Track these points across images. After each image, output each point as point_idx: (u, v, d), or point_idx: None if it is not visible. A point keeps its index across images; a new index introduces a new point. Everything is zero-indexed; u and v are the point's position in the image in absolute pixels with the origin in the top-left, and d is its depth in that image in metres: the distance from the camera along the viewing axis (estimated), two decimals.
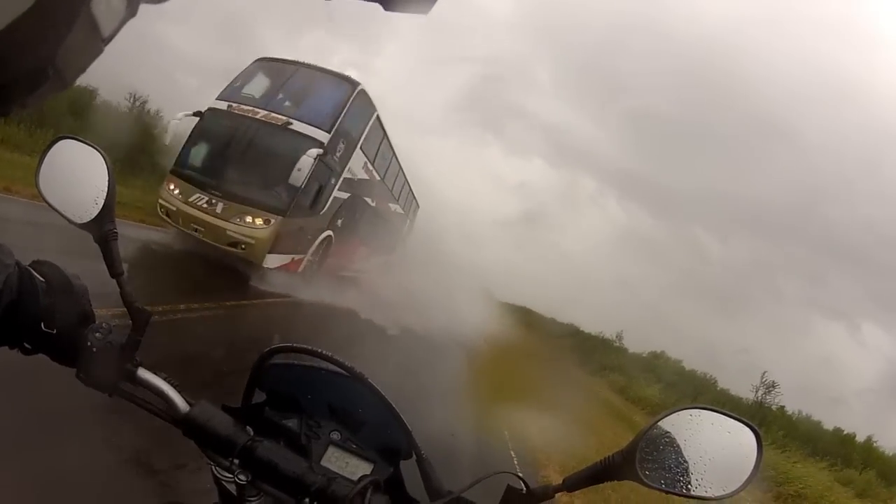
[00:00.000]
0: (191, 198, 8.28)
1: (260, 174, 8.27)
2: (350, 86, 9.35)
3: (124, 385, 0.69)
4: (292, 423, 0.76)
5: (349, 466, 0.73)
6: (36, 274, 0.64)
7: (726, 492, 0.54)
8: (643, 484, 0.56)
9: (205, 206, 8.22)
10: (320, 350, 0.73)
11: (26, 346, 0.65)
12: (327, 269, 10.75)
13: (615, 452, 0.59)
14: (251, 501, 0.66)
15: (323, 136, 8.58)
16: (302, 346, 0.74)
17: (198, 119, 8.83)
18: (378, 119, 10.70)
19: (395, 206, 15.03)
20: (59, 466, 2.13)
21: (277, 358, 0.76)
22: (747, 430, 0.55)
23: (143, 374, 0.69)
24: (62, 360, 0.67)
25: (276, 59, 9.81)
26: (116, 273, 0.69)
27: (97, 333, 0.67)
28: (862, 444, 20.39)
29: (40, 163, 0.70)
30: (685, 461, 0.56)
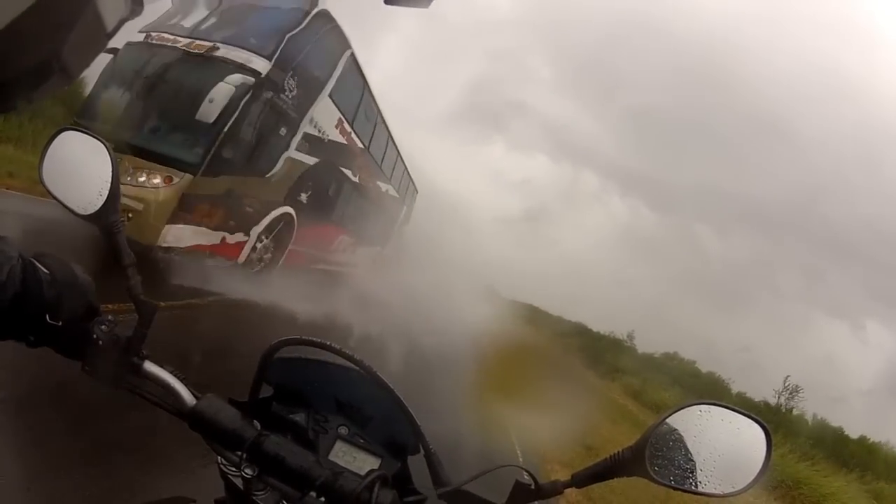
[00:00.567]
0: None
1: (170, 116, 6.03)
2: (306, 5, 6.86)
3: (130, 378, 0.70)
4: (300, 418, 0.77)
5: (357, 461, 0.74)
6: (40, 266, 0.65)
7: (735, 489, 0.54)
8: (652, 480, 0.56)
9: None
10: (329, 343, 0.74)
11: (31, 338, 0.65)
12: (292, 260, 8.59)
13: (624, 448, 0.59)
14: (258, 496, 0.67)
15: (260, 65, 6.12)
16: (309, 338, 0.75)
17: (111, 57, 6.68)
18: (354, 61, 8.21)
19: (387, 185, 12.51)
20: None
21: (284, 351, 0.77)
22: (757, 427, 0.55)
23: (149, 367, 0.71)
24: (67, 353, 0.68)
25: None
26: (125, 264, 0.71)
27: (103, 326, 0.68)
28: (892, 454, 19.87)
29: (43, 155, 0.71)
30: (694, 458, 0.56)
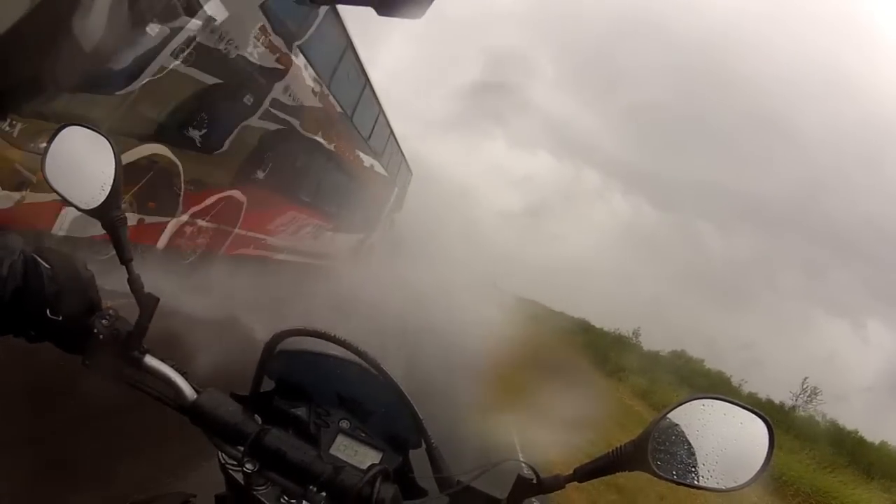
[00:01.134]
0: None
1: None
2: None
3: (131, 373, 0.71)
4: (301, 412, 0.78)
5: (358, 455, 0.75)
6: (41, 261, 0.66)
7: (737, 484, 0.55)
8: (654, 475, 0.57)
9: None
10: (332, 333, 0.74)
11: (32, 333, 0.67)
12: (240, 248, 7.33)
13: (626, 442, 0.60)
14: (259, 490, 0.68)
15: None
16: (312, 329, 0.75)
17: None
18: (336, 16, 6.94)
19: (373, 161, 10.55)
20: None
21: (286, 344, 0.77)
22: (759, 421, 0.56)
23: (150, 361, 0.72)
24: (68, 348, 0.69)
25: None
26: (126, 259, 0.72)
27: (103, 321, 0.70)
28: None
29: (46, 150, 0.73)
30: (696, 452, 0.57)
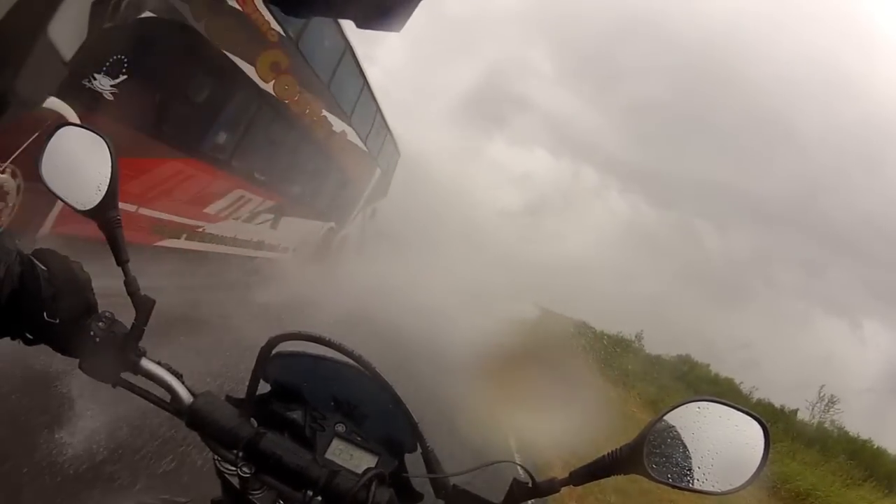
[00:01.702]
0: None
1: None
2: None
3: (127, 376, 0.73)
4: (297, 415, 0.79)
5: (354, 459, 0.76)
6: (38, 263, 0.68)
7: (732, 487, 0.56)
8: (650, 478, 0.58)
9: None
10: (327, 337, 0.75)
11: (28, 336, 0.68)
12: (145, 229, 5.88)
13: (622, 446, 0.61)
14: (255, 494, 0.69)
15: None
16: (307, 333, 0.76)
17: None
18: None
19: (347, 128, 8.79)
20: None
21: (282, 347, 0.79)
22: (755, 423, 0.57)
23: (146, 364, 0.73)
24: (65, 351, 0.70)
25: None
26: (122, 260, 0.74)
27: (100, 323, 0.71)
28: None
29: (42, 150, 0.74)
30: (692, 455, 0.58)
